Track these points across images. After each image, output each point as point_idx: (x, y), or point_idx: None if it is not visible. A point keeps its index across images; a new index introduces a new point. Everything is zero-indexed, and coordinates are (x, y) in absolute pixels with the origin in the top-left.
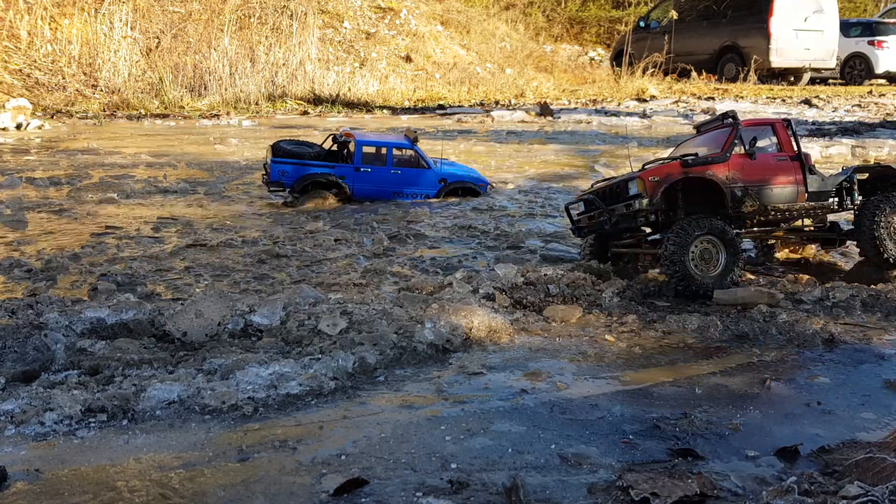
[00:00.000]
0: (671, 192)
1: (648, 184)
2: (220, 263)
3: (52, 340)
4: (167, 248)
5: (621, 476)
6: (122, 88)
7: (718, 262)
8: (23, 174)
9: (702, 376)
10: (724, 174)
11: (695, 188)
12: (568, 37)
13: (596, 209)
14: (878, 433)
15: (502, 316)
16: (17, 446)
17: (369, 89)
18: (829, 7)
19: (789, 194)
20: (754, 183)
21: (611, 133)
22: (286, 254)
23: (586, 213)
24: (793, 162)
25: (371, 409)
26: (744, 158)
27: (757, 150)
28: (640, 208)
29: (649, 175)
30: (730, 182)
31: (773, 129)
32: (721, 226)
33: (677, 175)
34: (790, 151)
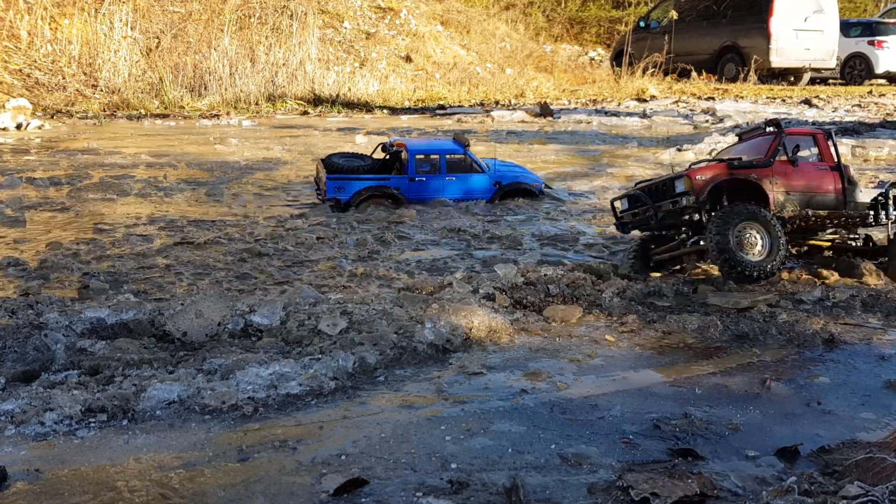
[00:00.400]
0: (716, 192)
1: (696, 182)
2: (202, 262)
3: (52, 340)
4: (153, 246)
5: (621, 476)
6: (123, 88)
7: (763, 246)
8: (23, 174)
9: (702, 376)
10: (767, 178)
11: (739, 190)
12: (568, 37)
13: (641, 205)
14: (878, 433)
15: (502, 316)
16: (18, 446)
17: (369, 89)
18: (829, 7)
19: (829, 202)
20: (796, 189)
21: (611, 133)
22: (268, 252)
23: (630, 209)
24: (833, 172)
25: (371, 409)
26: (786, 165)
27: (799, 158)
28: (687, 205)
29: (696, 174)
30: (773, 186)
31: (815, 139)
32: (759, 210)
33: (724, 176)
34: (831, 161)
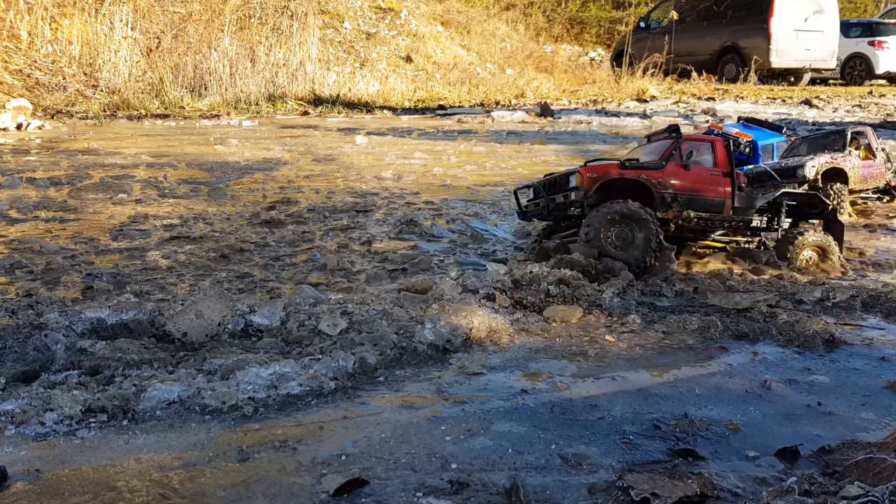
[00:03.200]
0: (607, 189)
1: (586, 179)
2: (186, 261)
3: (53, 340)
4: (150, 240)
5: (621, 476)
6: (123, 89)
7: (637, 242)
8: (23, 174)
9: (702, 376)
10: (656, 179)
11: (629, 189)
12: (568, 37)
13: (540, 196)
14: (879, 433)
15: (502, 316)
16: (18, 446)
17: (370, 90)
18: (829, 7)
19: (715, 206)
20: (683, 191)
21: (611, 133)
22: (249, 248)
23: (534, 199)
24: (725, 177)
25: (371, 410)
26: (678, 168)
27: (693, 163)
28: (574, 199)
29: (589, 171)
30: (660, 187)
31: (713, 146)
32: (635, 208)
33: (614, 174)
34: (724, 167)
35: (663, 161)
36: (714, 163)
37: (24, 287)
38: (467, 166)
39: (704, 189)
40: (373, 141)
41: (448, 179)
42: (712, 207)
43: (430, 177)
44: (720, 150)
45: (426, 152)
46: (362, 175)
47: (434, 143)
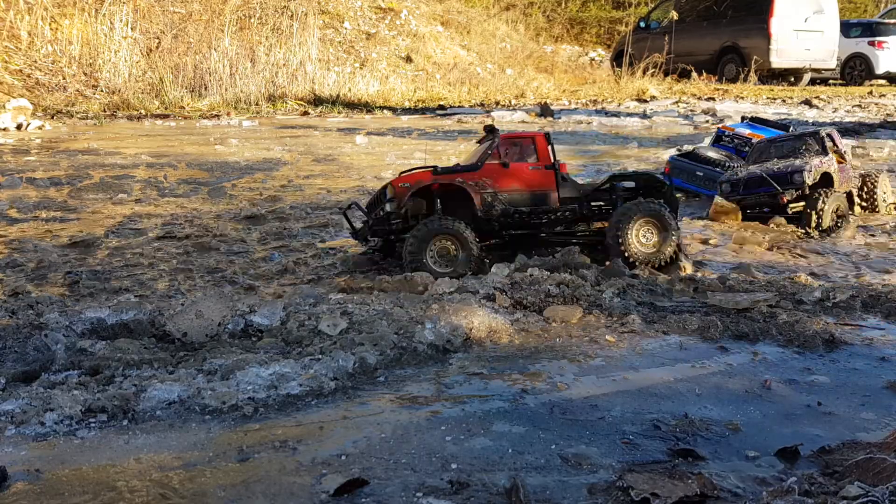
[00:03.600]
0: (425, 197)
1: (398, 189)
2: (164, 257)
3: (53, 341)
4: (126, 242)
5: (621, 476)
6: (123, 89)
7: (458, 255)
8: (23, 174)
9: (702, 376)
10: (473, 181)
11: (449, 193)
12: (568, 37)
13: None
14: (879, 434)
15: (502, 316)
16: (18, 446)
17: (370, 90)
18: (829, 7)
19: (539, 199)
20: (505, 190)
21: (611, 133)
22: (217, 246)
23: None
24: (546, 171)
25: (371, 410)
26: (497, 168)
27: (513, 161)
28: (390, 212)
29: (401, 181)
30: (479, 188)
31: (533, 141)
32: (451, 223)
33: (427, 181)
34: (546, 161)
35: (479, 162)
36: (536, 158)
37: (11, 285)
38: None
39: (526, 184)
40: (373, 141)
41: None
42: (537, 201)
43: None
44: (541, 145)
45: (426, 152)
46: (362, 175)
47: (434, 143)
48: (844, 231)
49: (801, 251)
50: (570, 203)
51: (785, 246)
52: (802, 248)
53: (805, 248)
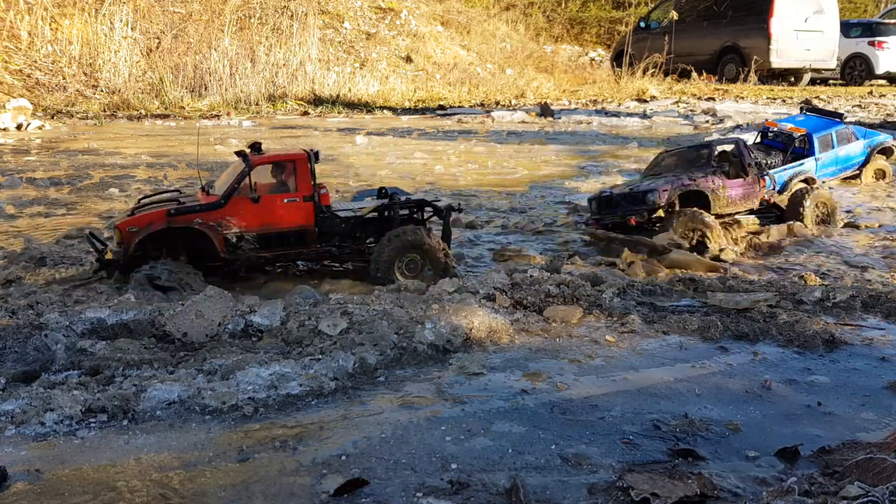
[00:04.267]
0: (156, 240)
1: (125, 235)
2: None
3: (53, 341)
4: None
5: (622, 476)
6: (123, 89)
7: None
8: (23, 174)
9: (702, 376)
10: (216, 221)
11: (193, 232)
12: (568, 37)
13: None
14: (879, 434)
15: (502, 316)
16: (18, 446)
17: (370, 90)
18: (829, 8)
19: (297, 238)
20: (253, 228)
21: (611, 133)
22: None
23: None
24: (304, 203)
25: (371, 410)
26: (246, 202)
27: (268, 191)
28: (115, 259)
29: (127, 225)
30: (222, 229)
31: (294, 164)
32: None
33: (160, 224)
34: (305, 191)
35: (223, 198)
36: (295, 185)
37: (3, 275)
38: (468, 165)
39: (279, 221)
40: (373, 141)
41: (438, 177)
42: (292, 239)
43: (429, 175)
44: (302, 169)
45: (426, 152)
46: (362, 175)
47: (434, 143)
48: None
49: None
50: (331, 237)
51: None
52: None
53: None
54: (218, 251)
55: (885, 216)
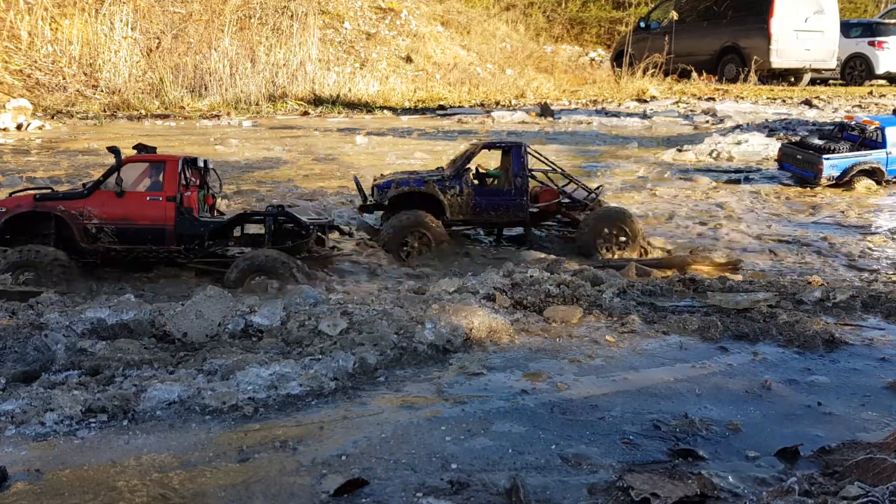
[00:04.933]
0: (17, 225)
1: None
2: None
3: (53, 341)
4: None
5: (622, 476)
6: (123, 89)
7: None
8: (23, 174)
9: (702, 376)
10: (77, 210)
11: (38, 222)
12: (568, 37)
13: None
14: (879, 434)
15: (502, 316)
16: (18, 446)
17: (370, 90)
18: (829, 8)
19: (153, 234)
20: (112, 220)
21: (611, 134)
22: None
23: None
24: (167, 203)
25: (371, 410)
26: (109, 196)
27: (135, 187)
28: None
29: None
30: (82, 218)
31: (163, 166)
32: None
33: (26, 207)
34: (170, 191)
35: (87, 190)
36: (160, 185)
37: None
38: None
39: (139, 217)
40: (373, 141)
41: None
42: (148, 237)
43: None
44: (170, 171)
45: (426, 152)
46: (362, 175)
47: (434, 143)
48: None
49: None
50: (190, 240)
51: None
52: None
53: None
54: (77, 240)
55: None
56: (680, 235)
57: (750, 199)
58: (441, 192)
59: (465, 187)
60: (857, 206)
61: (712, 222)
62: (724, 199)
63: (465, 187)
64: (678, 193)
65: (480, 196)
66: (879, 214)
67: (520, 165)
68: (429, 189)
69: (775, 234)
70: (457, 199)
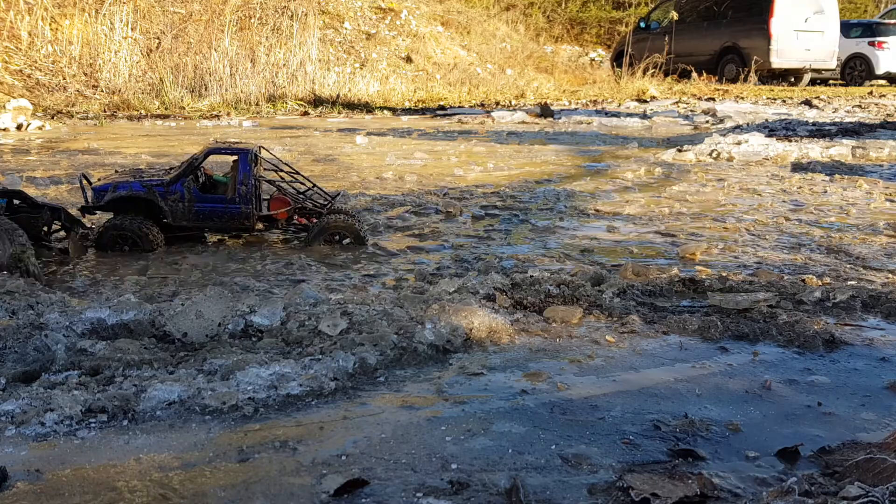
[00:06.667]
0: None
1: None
2: None
3: (53, 341)
4: None
5: (622, 477)
6: (123, 89)
7: None
8: (23, 174)
9: (702, 376)
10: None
11: None
12: (568, 37)
13: None
14: (879, 434)
15: (503, 316)
16: (18, 447)
17: (370, 90)
18: (829, 8)
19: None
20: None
21: (611, 134)
22: None
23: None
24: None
25: (371, 410)
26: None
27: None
28: None
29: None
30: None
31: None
32: None
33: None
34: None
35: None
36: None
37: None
38: (467, 166)
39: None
40: (373, 141)
41: (422, 178)
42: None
43: (427, 174)
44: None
45: (426, 152)
46: (362, 174)
47: (434, 143)
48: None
49: None
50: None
51: None
52: None
53: None
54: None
55: None
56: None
57: None
58: (161, 197)
59: (186, 193)
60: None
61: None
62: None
63: (186, 193)
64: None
65: (202, 203)
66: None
67: (245, 172)
68: (148, 195)
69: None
70: (178, 205)
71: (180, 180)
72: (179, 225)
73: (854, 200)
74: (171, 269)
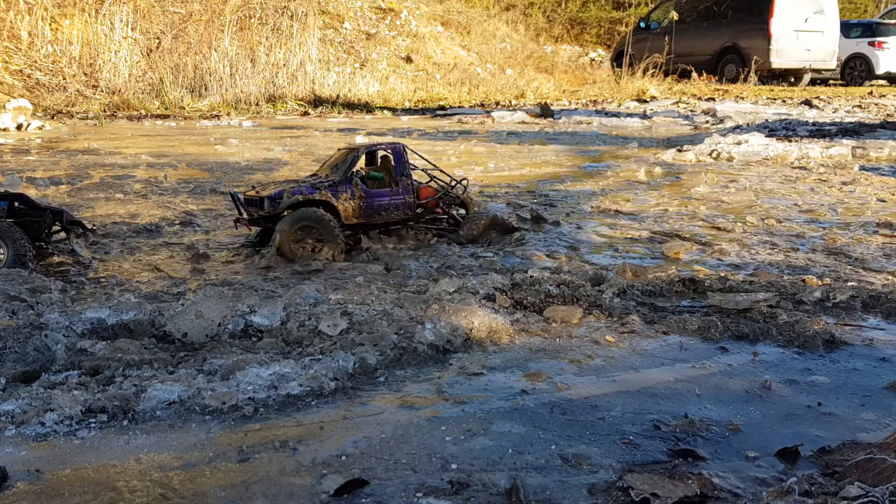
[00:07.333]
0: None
1: None
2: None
3: (53, 341)
4: None
5: (621, 477)
6: (123, 89)
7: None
8: (23, 174)
9: (702, 376)
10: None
11: None
12: (568, 38)
13: None
14: (879, 434)
15: (503, 316)
16: (18, 447)
17: (370, 90)
18: (829, 8)
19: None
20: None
21: (611, 134)
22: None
23: None
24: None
25: (371, 410)
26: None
27: None
28: None
29: None
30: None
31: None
32: None
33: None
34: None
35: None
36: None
37: None
38: (467, 166)
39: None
40: (373, 141)
41: None
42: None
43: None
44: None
45: (426, 152)
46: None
47: (434, 143)
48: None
49: None
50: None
51: None
52: None
53: None
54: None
55: None
56: None
57: None
58: (334, 197)
59: (356, 190)
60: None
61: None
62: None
63: (356, 190)
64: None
65: (371, 198)
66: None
67: (404, 163)
68: (322, 195)
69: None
70: (349, 203)
71: (349, 179)
72: (349, 224)
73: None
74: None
